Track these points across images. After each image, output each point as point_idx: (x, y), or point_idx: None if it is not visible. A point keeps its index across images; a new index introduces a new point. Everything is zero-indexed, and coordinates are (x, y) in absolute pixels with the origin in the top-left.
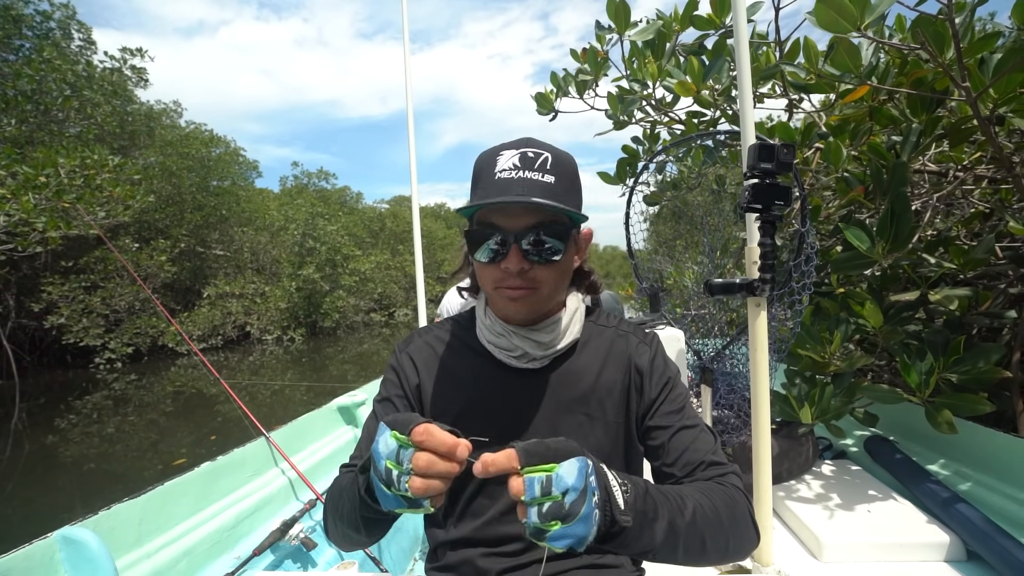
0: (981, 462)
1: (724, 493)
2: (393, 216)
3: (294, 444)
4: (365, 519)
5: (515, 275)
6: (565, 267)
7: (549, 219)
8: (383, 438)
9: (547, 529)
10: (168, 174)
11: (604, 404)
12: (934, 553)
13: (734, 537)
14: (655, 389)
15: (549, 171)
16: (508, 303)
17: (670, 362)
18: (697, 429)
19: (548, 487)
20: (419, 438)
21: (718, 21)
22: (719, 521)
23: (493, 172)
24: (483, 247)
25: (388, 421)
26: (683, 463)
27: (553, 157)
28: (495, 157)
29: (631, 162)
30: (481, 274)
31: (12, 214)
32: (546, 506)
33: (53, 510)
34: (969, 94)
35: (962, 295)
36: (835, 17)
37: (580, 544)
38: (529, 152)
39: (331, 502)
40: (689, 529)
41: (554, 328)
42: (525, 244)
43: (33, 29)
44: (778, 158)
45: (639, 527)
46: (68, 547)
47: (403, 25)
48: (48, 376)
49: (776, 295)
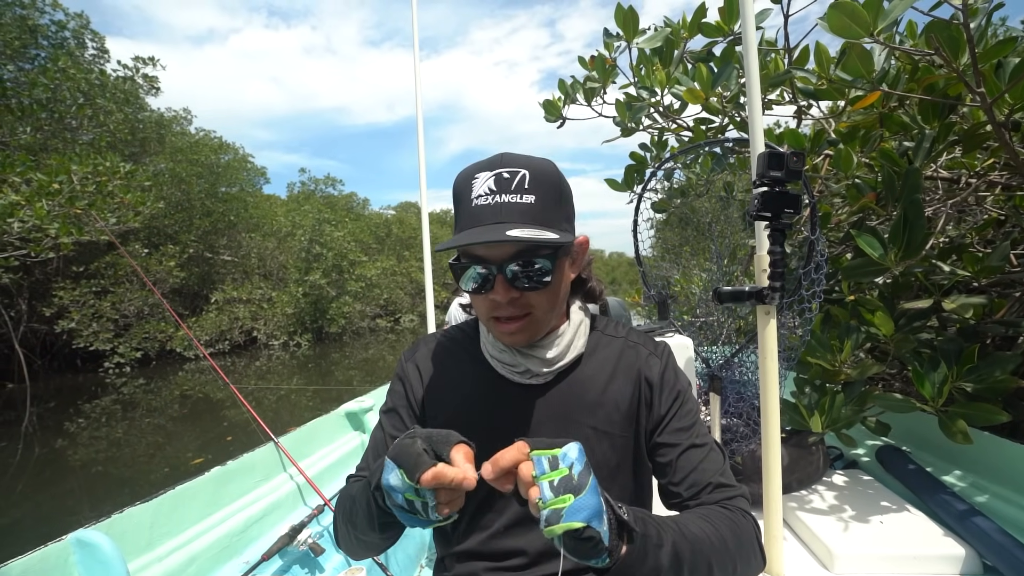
0: (997, 473)
1: (730, 518)
2: (399, 222)
3: (302, 449)
4: (383, 524)
5: (506, 305)
6: (557, 287)
7: (533, 245)
8: (394, 475)
9: (561, 506)
10: (178, 180)
11: (612, 417)
12: (949, 566)
13: (741, 562)
14: (665, 404)
15: (527, 190)
16: (503, 335)
17: (681, 375)
18: (706, 448)
19: (555, 463)
20: (429, 487)
21: (726, 28)
22: (725, 547)
23: (470, 198)
24: (468, 279)
25: (393, 457)
26: (690, 483)
27: (531, 173)
28: (471, 181)
29: (639, 169)
30: (474, 304)
31: (26, 220)
32: (556, 479)
33: (62, 513)
34: (984, 99)
35: (976, 303)
36: (848, 23)
37: (597, 519)
38: (504, 173)
39: (342, 510)
40: (695, 556)
41: (557, 344)
42: (510, 273)
43: (48, 39)
44: (788, 166)
45: (643, 550)
46: (82, 550)
47: (413, 33)
48: (58, 380)
49: (786, 303)
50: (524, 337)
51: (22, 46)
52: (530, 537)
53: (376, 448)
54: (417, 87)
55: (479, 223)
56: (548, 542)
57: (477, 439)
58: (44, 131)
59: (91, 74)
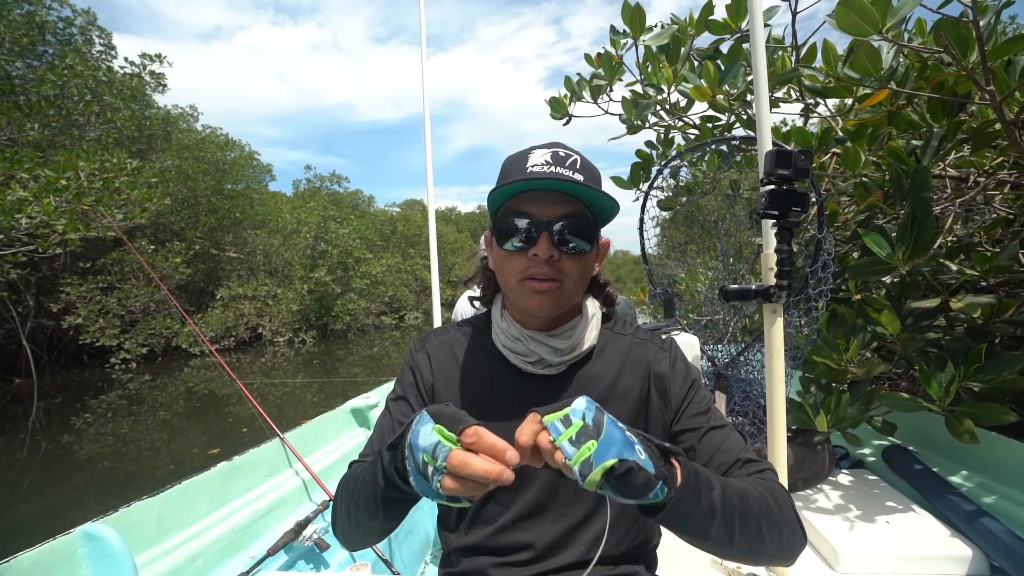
0: (1005, 474)
1: (768, 487)
2: (404, 219)
3: (308, 445)
4: (385, 500)
5: (543, 263)
6: (589, 264)
7: (580, 212)
8: (424, 429)
9: (587, 454)
10: (184, 177)
11: (620, 412)
12: (956, 567)
13: (787, 529)
14: (680, 393)
15: (579, 170)
16: (532, 296)
17: (691, 366)
18: (727, 429)
19: (568, 420)
20: (469, 440)
21: (734, 25)
22: (770, 508)
23: (525, 167)
24: (514, 234)
25: (433, 412)
26: (717, 463)
27: (582, 160)
28: (527, 155)
29: (645, 167)
30: (506, 265)
31: (34, 216)
32: (574, 434)
33: (69, 507)
34: (994, 97)
35: (985, 302)
36: (856, 20)
37: (628, 449)
38: (560, 152)
39: (344, 492)
40: (744, 508)
41: (571, 334)
42: (556, 232)
43: (56, 35)
44: (795, 164)
45: (696, 484)
46: (90, 543)
47: (421, 31)
48: (65, 375)
49: (792, 301)
50: (550, 301)
51: (30, 43)
52: (537, 531)
53: (382, 434)
54: (424, 84)
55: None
56: (556, 535)
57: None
58: (52, 128)
59: (98, 71)
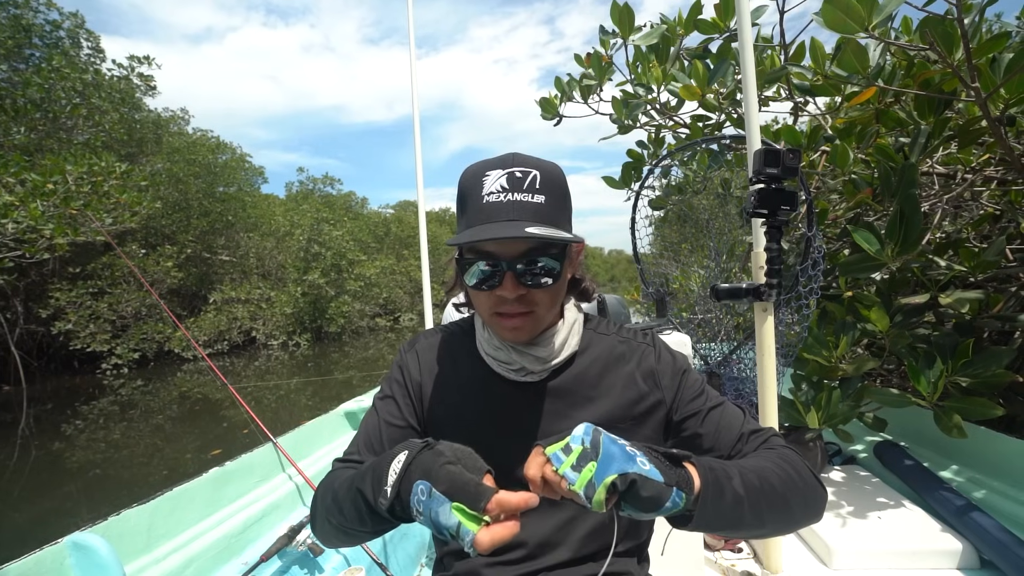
0: (994, 468)
1: (777, 454)
2: (398, 221)
3: (301, 449)
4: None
5: (512, 302)
6: (561, 286)
7: (540, 245)
8: (442, 510)
9: (589, 475)
10: (175, 180)
11: (607, 411)
12: (947, 561)
13: (809, 490)
14: (672, 384)
15: (539, 190)
16: (505, 331)
17: (676, 354)
18: (724, 406)
19: (568, 448)
20: (492, 515)
21: (722, 25)
22: (790, 477)
23: (480, 195)
24: (475, 274)
25: (446, 490)
26: (722, 442)
27: (541, 174)
28: (481, 179)
29: (636, 166)
30: (476, 300)
31: (20, 221)
32: (574, 460)
33: (59, 515)
34: (979, 95)
35: (973, 298)
36: (842, 17)
37: (629, 462)
38: (517, 172)
39: (329, 498)
40: (766, 487)
41: (551, 342)
42: (519, 270)
43: (43, 38)
44: (784, 163)
45: (715, 479)
46: (78, 553)
47: (409, 32)
48: (55, 382)
49: (783, 299)
50: (525, 333)
51: (16, 46)
52: (529, 529)
53: (369, 433)
54: (413, 85)
55: (492, 219)
56: (548, 532)
57: (473, 435)
58: (39, 131)
59: (86, 74)
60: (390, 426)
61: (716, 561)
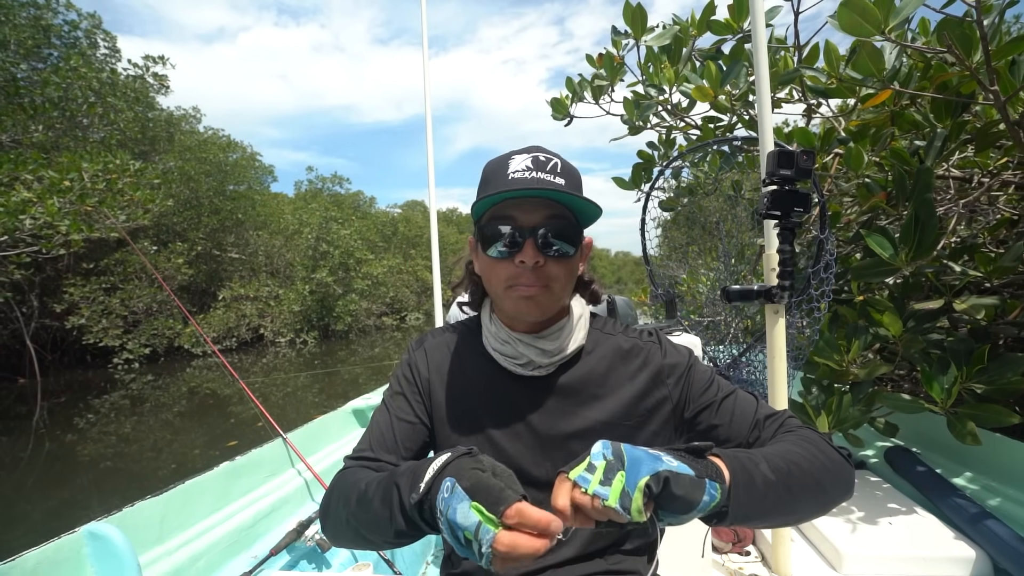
0: (1009, 475)
1: (797, 436)
2: (406, 221)
3: (310, 445)
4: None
5: (530, 270)
6: (574, 267)
7: (562, 215)
8: (461, 507)
9: (620, 486)
10: (186, 178)
11: (613, 408)
12: (959, 568)
13: (836, 467)
14: (679, 382)
15: (560, 174)
16: (520, 301)
17: (680, 348)
18: (734, 395)
19: (592, 467)
20: (511, 521)
21: (735, 26)
22: (815, 457)
23: (507, 171)
24: (499, 240)
25: (469, 487)
26: (739, 431)
27: (562, 162)
28: (507, 161)
29: (646, 167)
30: (492, 272)
31: (38, 217)
32: (601, 475)
33: (71, 507)
34: (998, 98)
35: (989, 304)
36: (859, 20)
37: (657, 462)
38: (540, 156)
39: (343, 501)
40: (795, 469)
41: (558, 335)
42: (540, 238)
43: (61, 38)
44: (797, 164)
45: (743, 467)
46: (94, 542)
47: (423, 32)
48: (68, 375)
49: (794, 302)
50: (537, 306)
51: (35, 45)
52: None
53: (381, 431)
54: (426, 85)
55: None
56: None
57: (481, 432)
58: (56, 129)
59: (102, 73)
60: (401, 422)
61: (724, 564)
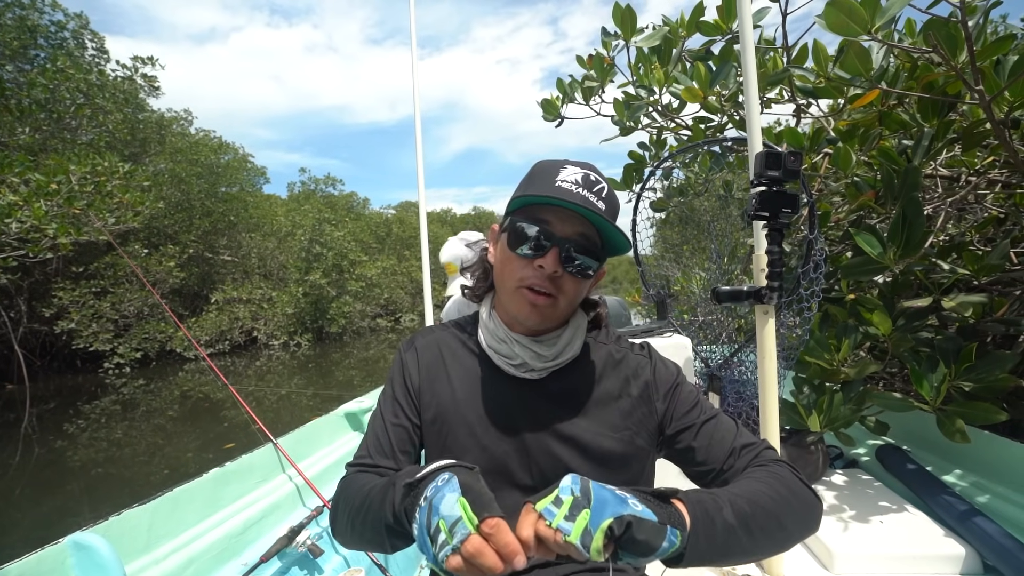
0: (998, 473)
1: (767, 472)
2: (400, 222)
3: (301, 450)
4: (391, 531)
5: (547, 277)
6: (585, 288)
7: (592, 237)
8: (450, 496)
9: (584, 523)
10: (177, 180)
11: (603, 416)
12: (949, 566)
13: (804, 506)
14: (665, 399)
15: (603, 199)
16: (526, 305)
17: (669, 364)
18: (716, 419)
19: (559, 501)
20: (488, 530)
21: (725, 27)
22: (782, 497)
23: (555, 178)
24: (526, 240)
25: (464, 482)
26: (715, 456)
27: (608, 190)
28: (559, 167)
29: (637, 168)
30: (509, 267)
31: (24, 220)
32: (567, 511)
33: (61, 514)
34: (983, 97)
35: (976, 302)
36: (845, 20)
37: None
38: (592, 176)
39: (346, 502)
40: (756, 511)
41: (556, 342)
42: (566, 250)
43: (48, 39)
44: (785, 166)
45: (705, 511)
46: (79, 552)
47: (411, 32)
48: (58, 381)
49: (784, 302)
50: (540, 315)
51: (21, 46)
52: None
53: (377, 436)
54: (415, 85)
55: (562, 199)
56: None
57: (471, 431)
58: (43, 131)
59: (90, 74)
60: (395, 427)
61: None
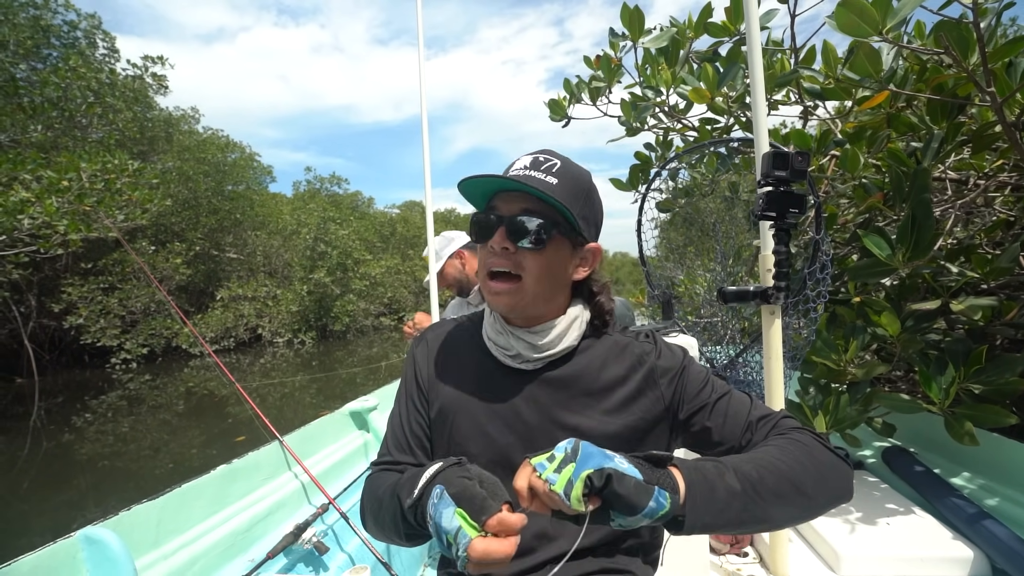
0: (1007, 476)
1: (786, 439)
2: (404, 221)
3: (307, 448)
4: (409, 535)
5: (499, 255)
6: (551, 263)
7: (539, 210)
8: (447, 512)
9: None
10: (185, 178)
11: (604, 405)
12: (957, 568)
13: (825, 468)
14: (672, 384)
15: (554, 174)
16: (492, 296)
17: (675, 349)
18: (728, 395)
19: (552, 457)
20: (494, 530)
21: (732, 28)
22: (798, 460)
23: (508, 171)
24: (480, 227)
25: (455, 493)
26: (731, 433)
27: (562, 164)
28: (512, 161)
29: (643, 168)
30: (479, 262)
31: (36, 217)
32: (556, 465)
33: (68, 507)
34: (994, 99)
35: (985, 305)
36: (856, 21)
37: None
38: (541, 157)
39: (371, 504)
40: (765, 474)
41: (549, 331)
42: (510, 224)
43: (60, 38)
44: (792, 166)
45: (705, 478)
46: (90, 546)
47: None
48: (66, 375)
49: (790, 303)
50: (509, 300)
51: (35, 46)
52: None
53: (395, 433)
54: (422, 85)
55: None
56: (545, 524)
57: (476, 422)
58: (55, 129)
59: (101, 73)
60: (411, 422)
61: (721, 565)
